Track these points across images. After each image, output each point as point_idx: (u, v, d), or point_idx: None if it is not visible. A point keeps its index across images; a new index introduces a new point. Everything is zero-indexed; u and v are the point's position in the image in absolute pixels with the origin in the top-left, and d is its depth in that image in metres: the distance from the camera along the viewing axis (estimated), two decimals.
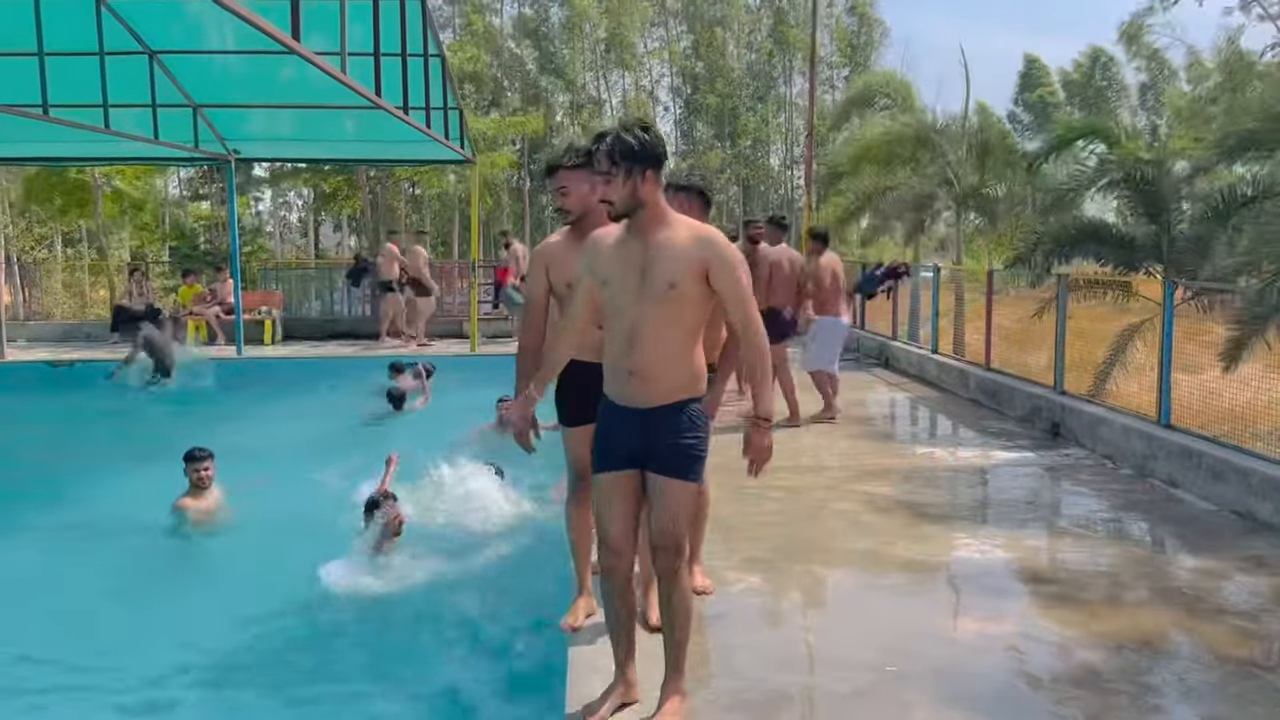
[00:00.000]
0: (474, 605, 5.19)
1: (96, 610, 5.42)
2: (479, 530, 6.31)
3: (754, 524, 5.87)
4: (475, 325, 15.23)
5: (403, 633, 5.05)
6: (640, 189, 3.21)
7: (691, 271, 3.23)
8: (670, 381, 3.30)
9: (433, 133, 11.86)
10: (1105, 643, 4.21)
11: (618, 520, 3.42)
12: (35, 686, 4.57)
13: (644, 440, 3.33)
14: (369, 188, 26.91)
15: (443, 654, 4.76)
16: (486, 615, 5.07)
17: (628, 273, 3.26)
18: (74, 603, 5.51)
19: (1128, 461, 7.23)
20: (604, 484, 3.43)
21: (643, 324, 3.24)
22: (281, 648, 4.94)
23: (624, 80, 39.60)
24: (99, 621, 5.28)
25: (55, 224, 27.87)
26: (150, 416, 11.17)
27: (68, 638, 5.05)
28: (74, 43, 10.22)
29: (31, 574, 5.99)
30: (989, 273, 11.12)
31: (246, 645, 4.95)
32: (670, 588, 3.41)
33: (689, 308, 3.27)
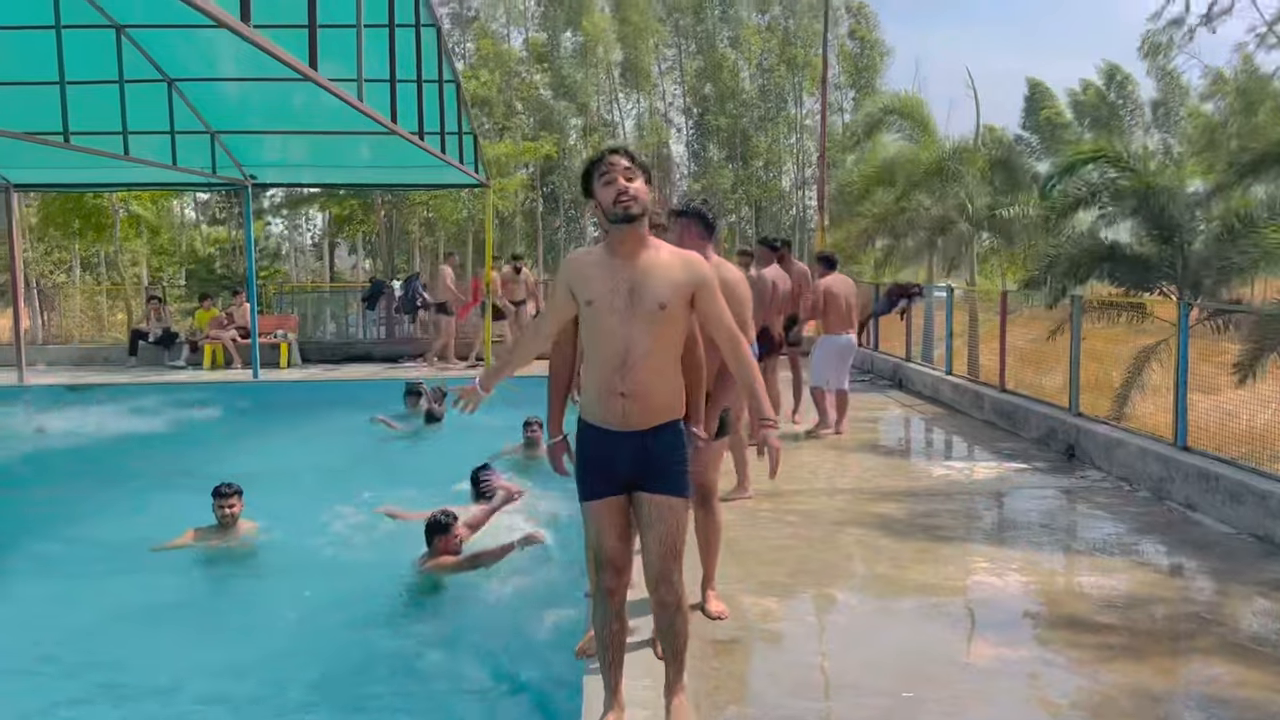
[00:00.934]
0: (490, 632, 5.19)
1: (115, 637, 5.42)
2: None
3: (768, 548, 5.86)
4: (489, 347, 15.28)
5: (421, 660, 5.05)
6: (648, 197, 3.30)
7: (680, 293, 3.30)
8: (661, 400, 3.35)
9: (447, 157, 11.96)
10: (1124, 669, 4.18)
11: (615, 540, 3.44)
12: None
13: (640, 462, 3.36)
14: (384, 211, 27.07)
15: (459, 682, 4.76)
16: (502, 641, 5.07)
17: (615, 293, 3.27)
18: (93, 630, 5.50)
19: (1144, 484, 7.20)
20: (598, 509, 3.44)
21: (635, 345, 3.27)
22: (305, 679, 4.92)
23: (639, 104, 39.83)
24: (117, 650, 5.26)
25: (73, 248, 28.14)
26: (171, 441, 11.22)
27: (84, 665, 5.06)
28: (94, 71, 10.39)
29: (48, 602, 6.00)
30: (1003, 294, 11.11)
31: (269, 678, 4.92)
32: (675, 609, 3.44)
33: (676, 329, 3.34)
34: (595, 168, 3.35)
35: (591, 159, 3.39)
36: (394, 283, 18.02)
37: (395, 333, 17.75)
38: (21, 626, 5.52)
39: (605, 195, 3.28)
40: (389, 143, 11.71)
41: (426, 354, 16.08)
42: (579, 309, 3.38)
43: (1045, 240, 14.07)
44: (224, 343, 15.74)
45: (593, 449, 3.43)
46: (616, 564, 3.45)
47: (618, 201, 3.25)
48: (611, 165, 3.30)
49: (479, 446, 8.62)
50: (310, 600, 5.81)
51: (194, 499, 6.93)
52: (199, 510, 6.81)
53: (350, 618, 5.53)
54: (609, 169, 3.29)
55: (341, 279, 34.94)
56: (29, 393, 13.58)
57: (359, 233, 32.51)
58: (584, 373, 3.47)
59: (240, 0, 5.38)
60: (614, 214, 3.27)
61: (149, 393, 13.50)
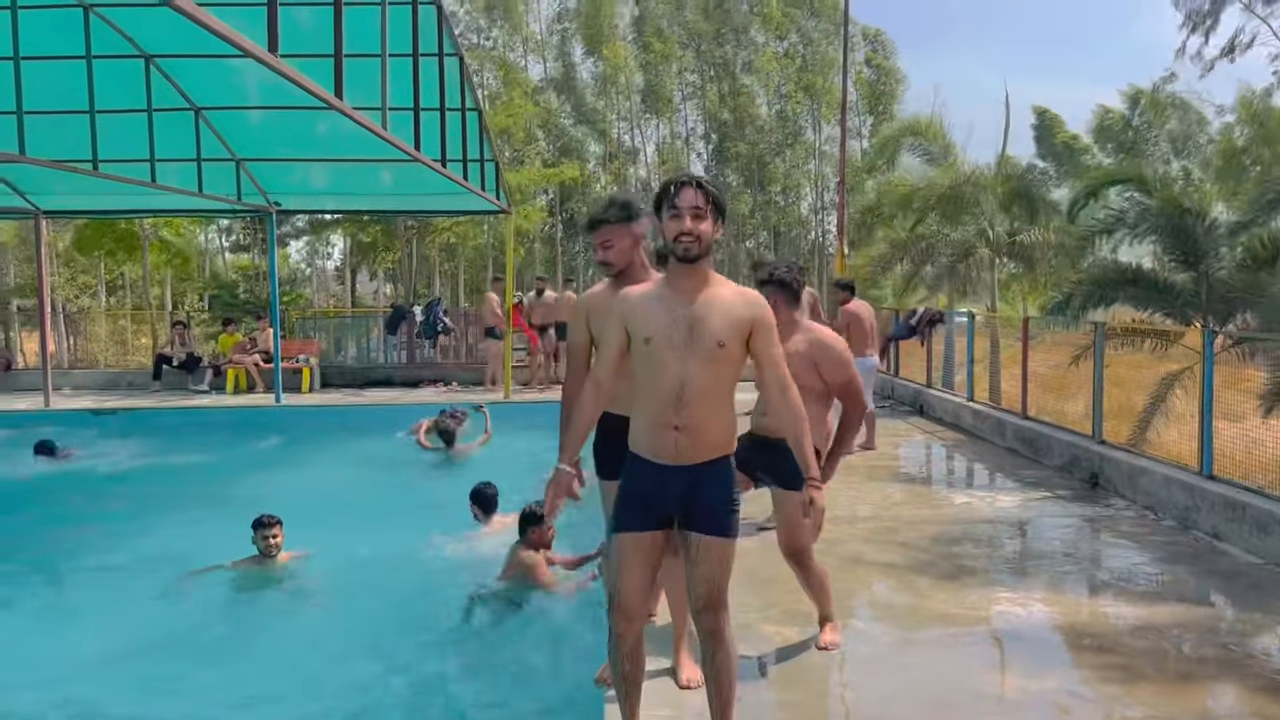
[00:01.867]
0: (509, 660, 5.19)
1: (153, 665, 5.38)
2: (519, 587, 6.32)
3: (789, 576, 5.81)
4: (509, 372, 15.33)
5: (444, 686, 5.04)
6: (716, 234, 3.28)
7: (739, 332, 3.26)
8: (716, 437, 3.31)
9: (469, 184, 12.06)
10: (1150, 702, 4.13)
11: (638, 583, 3.36)
12: None
13: (689, 498, 3.30)
14: (406, 238, 27.29)
15: (481, 709, 4.75)
16: (522, 670, 5.07)
17: (674, 329, 3.22)
18: (127, 659, 5.46)
19: (1169, 513, 7.12)
20: (626, 544, 3.36)
21: (692, 381, 3.22)
22: (332, 706, 4.89)
23: (659, 130, 40.05)
24: (155, 677, 5.23)
25: (99, 272, 28.51)
26: (196, 465, 11.28)
27: (122, 692, 5.03)
28: (123, 100, 10.56)
29: (76, 627, 5.99)
30: (1024, 320, 11.06)
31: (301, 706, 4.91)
32: (716, 646, 3.37)
33: (732, 366, 3.30)
34: (666, 197, 3.28)
35: (667, 183, 3.30)
36: (415, 308, 18.11)
37: (416, 357, 17.83)
38: (41, 653, 5.54)
39: (669, 229, 3.25)
40: (412, 170, 11.82)
41: (484, 379, 16.17)
42: (633, 345, 3.30)
43: (1067, 265, 14.03)
44: (247, 367, 15.85)
45: (640, 483, 3.36)
46: (629, 611, 3.37)
47: (679, 239, 3.23)
48: (681, 200, 3.24)
49: (500, 470, 8.67)
50: (345, 627, 5.82)
51: (222, 523, 6.96)
52: (226, 533, 6.82)
53: (375, 644, 5.53)
54: (678, 205, 3.24)
55: (362, 304, 35.20)
56: (54, 416, 13.72)
57: (382, 260, 32.76)
58: (634, 405, 3.38)
59: (268, 31, 5.47)
60: (674, 250, 3.26)
61: (173, 416, 13.64)
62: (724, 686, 3.39)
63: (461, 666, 5.23)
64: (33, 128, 9.24)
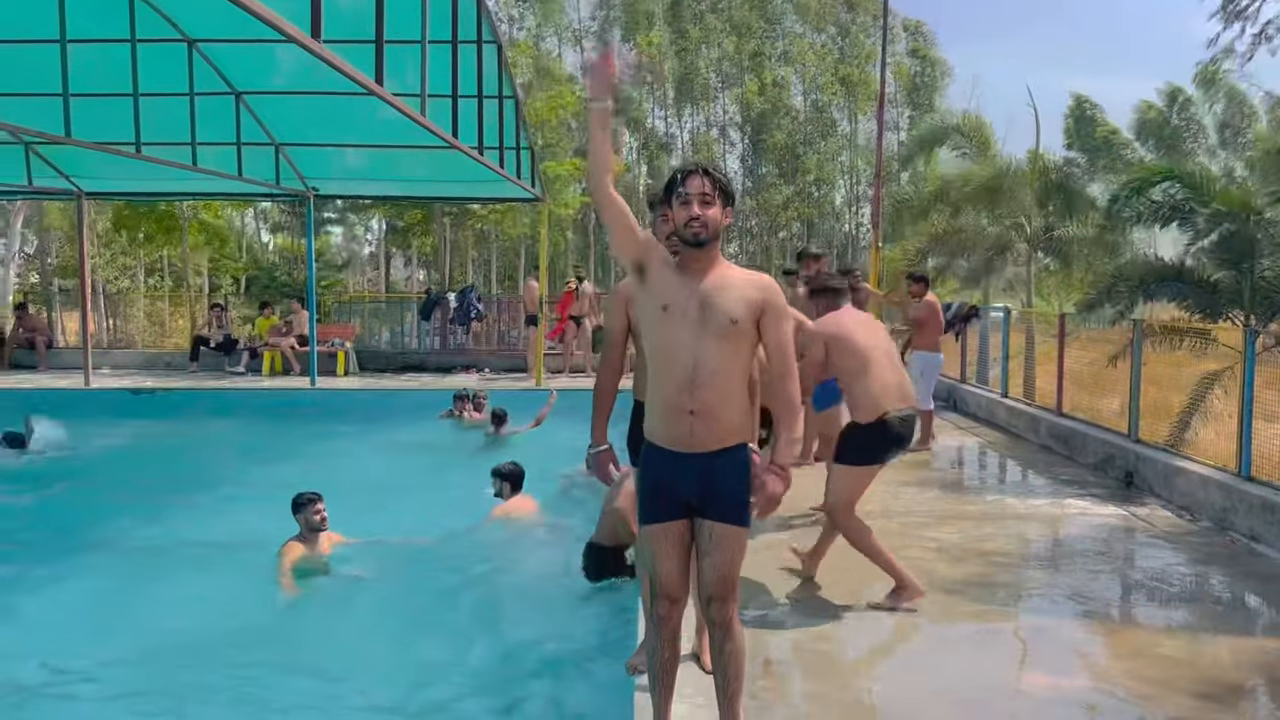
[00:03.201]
0: (541, 646, 5.22)
1: (209, 649, 5.36)
2: (550, 573, 6.36)
3: (821, 570, 5.82)
4: (540, 360, 15.39)
5: (475, 676, 5.07)
6: (724, 220, 3.32)
7: (751, 311, 3.27)
8: (729, 423, 3.30)
9: (505, 172, 12.10)
10: (1182, 704, 4.10)
11: (675, 568, 3.37)
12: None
13: (703, 487, 3.29)
14: (442, 224, 27.41)
15: (513, 695, 4.79)
16: (554, 655, 5.10)
17: (689, 302, 3.25)
18: (188, 641, 5.46)
19: (1205, 514, 7.04)
20: (656, 534, 3.37)
21: (705, 361, 3.23)
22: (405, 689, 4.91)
23: (694, 119, 39.95)
24: (205, 662, 5.21)
25: (139, 254, 28.89)
26: (237, 445, 11.43)
27: (177, 675, 5.04)
28: (166, 84, 10.68)
29: (132, 610, 6.03)
30: (1060, 316, 10.95)
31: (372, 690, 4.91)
32: (724, 637, 3.36)
33: (745, 347, 3.32)
34: (675, 185, 3.34)
35: (675, 171, 3.37)
36: (449, 295, 18.22)
37: (449, 343, 17.95)
38: (86, 636, 5.56)
39: (679, 214, 3.30)
40: (448, 157, 11.88)
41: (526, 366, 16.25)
42: (648, 315, 3.33)
43: (1105, 261, 13.86)
44: (283, 350, 16.02)
45: (657, 472, 3.38)
46: (672, 594, 3.39)
47: (688, 225, 3.27)
48: (689, 187, 3.29)
49: (539, 455, 8.74)
50: (386, 607, 5.90)
51: (268, 504, 7.00)
52: (268, 514, 6.86)
53: (409, 622, 5.61)
54: (687, 191, 3.29)
55: (396, 289, 35.44)
56: (94, 396, 13.95)
57: (417, 244, 32.95)
58: (648, 393, 3.41)
59: (311, 16, 5.52)
60: (684, 235, 3.30)
61: (210, 397, 13.82)
62: (731, 678, 3.38)
63: (491, 649, 5.27)
64: (77, 110, 9.37)
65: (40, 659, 5.18)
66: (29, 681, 4.94)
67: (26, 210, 26.30)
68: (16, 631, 5.66)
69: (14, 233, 27.62)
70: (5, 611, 5.97)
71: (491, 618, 5.74)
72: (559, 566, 6.27)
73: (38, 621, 5.85)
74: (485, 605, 5.92)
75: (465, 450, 10.67)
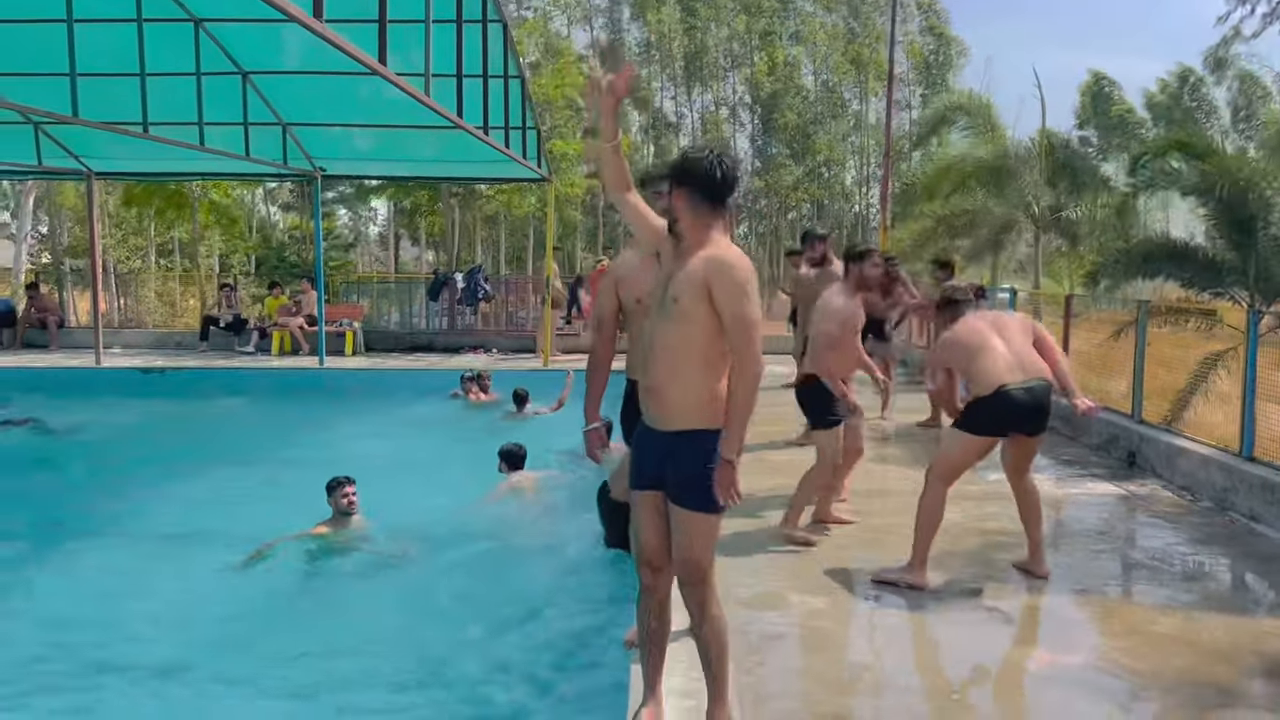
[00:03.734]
0: (539, 621, 5.29)
1: (241, 631, 5.35)
2: (550, 545, 6.43)
3: (819, 547, 5.88)
4: (549, 340, 15.44)
5: (476, 644, 5.14)
6: (671, 204, 3.33)
7: (694, 289, 3.20)
8: (681, 406, 3.27)
9: (511, 152, 12.10)
10: (1178, 681, 4.13)
11: (651, 536, 3.43)
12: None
13: (664, 466, 3.33)
14: (450, 205, 27.42)
15: (512, 669, 4.85)
16: (551, 631, 5.16)
17: (659, 285, 3.37)
18: (219, 623, 5.45)
19: (1206, 494, 7.06)
20: (636, 501, 3.47)
21: (656, 339, 3.31)
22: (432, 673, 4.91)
23: (703, 98, 39.78)
24: (244, 642, 5.20)
25: (149, 234, 29.00)
26: (248, 423, 11.51)
27: (211, 660, 5.03)
28: (173, 64, 10.70)
29: (149, 589, 6.04)
30: (1067, 297, 10.93)
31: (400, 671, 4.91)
32: (698, 620, 3.38)
33: (698, 329, 3.22)
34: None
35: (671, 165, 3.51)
36: (456, 275, 18.27)
37: (457, 324, 18.01)
38: (124, 617, 5.57)
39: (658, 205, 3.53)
40: (454, 137, 11.88)
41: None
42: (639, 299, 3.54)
43: (1117, 240, 13.83)
44: (292, 329, 16.10)
45: (636, 441, 3.52)
46: (652, 562, 3.44)
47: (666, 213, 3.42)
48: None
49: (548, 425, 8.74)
50: (418, 587, 5.94)
51: (292, 484, 7.07)
52: (295, 495, 6.91)
53: (412, 600, 5.70)
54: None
55: (404, 270, 35.51)
56: (106, 375, 14.07)
57: (425, 225, 32.97)
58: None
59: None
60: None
61: (220, 376, 13.91)
62: (712, 659, 3.41)
63: (495, 623, 5.33)
64: (85, 90, 9.41)
65: (50, 638, 5.21)
66: (46, 662, 4.95)
67: (37, 190, 26.40)
68: (31, 610, 5.71)
69: (25, 213, 27.73)
70: (22, 591, 6.01)
71: (491, 593, 5.79)
72: (557, 540, 6.37)
73: (45, 598, 5.90)
74: (484, 581, 5.97)
75: (474, 430, 10.73)
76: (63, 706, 4.57)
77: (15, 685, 4.67)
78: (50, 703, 4.59)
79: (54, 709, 4.55)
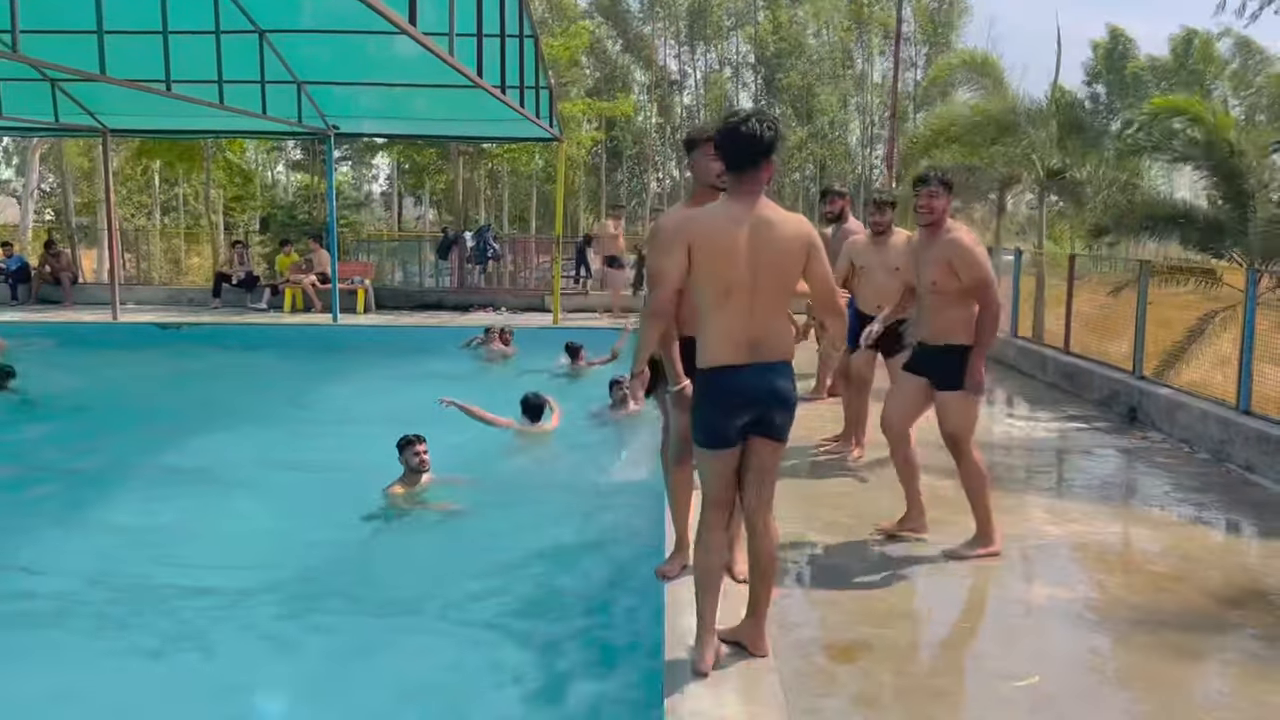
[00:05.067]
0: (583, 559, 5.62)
1: (322, 586, 5.48)
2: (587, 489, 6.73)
3: (833, 493, 6.17)
4: (558, 298, 15.66)
5: (516, 579, 5.43)
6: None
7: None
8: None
9: (525, 111, 12.25)
10: (1172, 612, 4.43)
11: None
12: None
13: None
14: (462, 162, 27.50)
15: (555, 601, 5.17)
16: (588, 564, 5.48)
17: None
18: (297, 580, 5.53)
19: (1204, 446, 7.34)
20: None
21: None
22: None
23: (707, 56, 39.61)
24: (325, 596, 5.34)
25: (154, 191, 29.09)
26: (290, 378, 11.68)
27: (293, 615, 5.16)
28: (193, 22, 10.83)
29: (192, 538, 6.22)
30: (1070, 257, 11.15)
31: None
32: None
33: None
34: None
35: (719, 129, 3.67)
36: (466, 234, 18.44)
37: (465, 282, 18.21)
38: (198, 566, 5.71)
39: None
40: (467, 95, 12.02)
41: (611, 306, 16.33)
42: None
43: (1122, 200, 13.98)
44: (304, 287, 16.30)
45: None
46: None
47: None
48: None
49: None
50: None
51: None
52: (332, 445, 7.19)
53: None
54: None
55: (408, 229, 35.61)
56: (123, 329, 14.30)
57: (433, 183, 33.03)
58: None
59: None
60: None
61: (238, 332, 14.14)
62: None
63: (528, 564, 5.63)
64: (111, 47, 9.54)
65: (89, 582, 5.43)
66: (84, 611, 5.13)
67: (42, 147, 26.45)
68: (72, 557, 5.86)
69: (32, 170, 27.82)
70: (78, 540, 6.19)
71: (526, 533, 6.09)
72: (582, 481, 6.67)
73: (81, 548, 6.05)
74: (519, 523, 6.27)
75: (520, 382, 10.74)
76: (129, 647, 4.79)
77: (90, 625, 4.93)
78: (118, 642, 4.85)
79: (123, 648, 4.79)
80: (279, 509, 6.65)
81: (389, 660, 4.64)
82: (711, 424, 3.59)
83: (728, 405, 3.54)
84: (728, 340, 3.52)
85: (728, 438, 3.59)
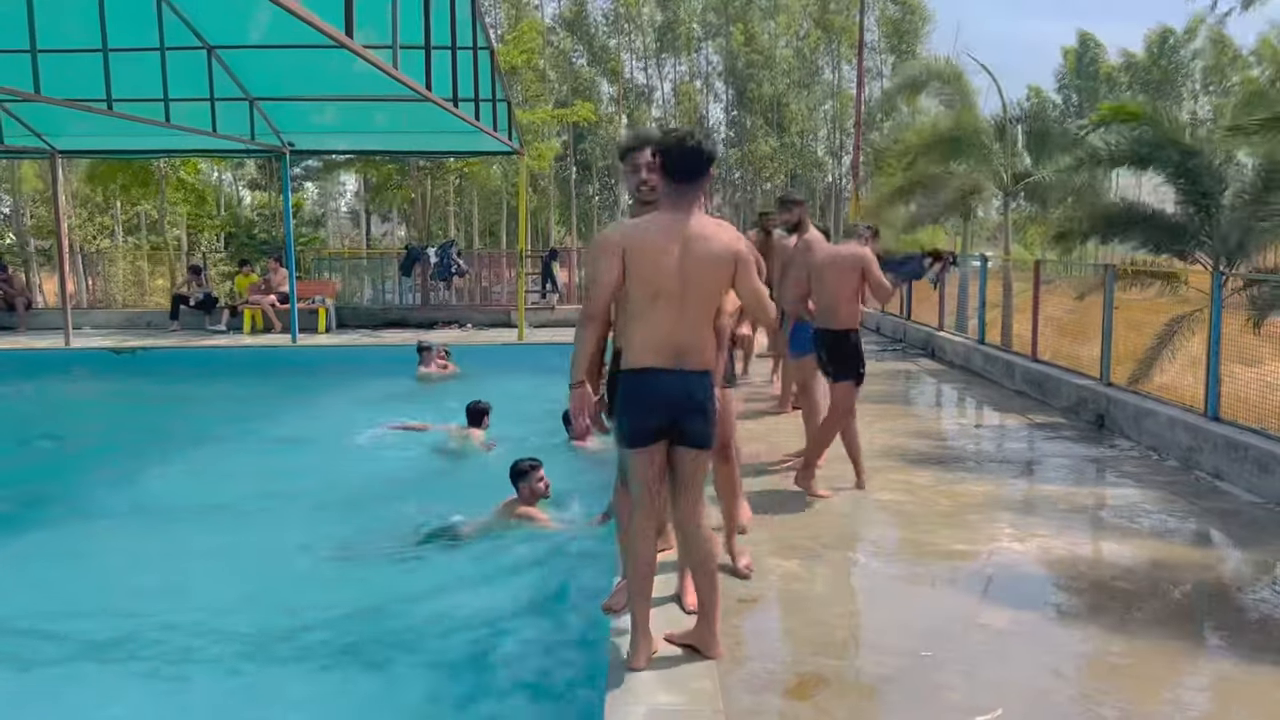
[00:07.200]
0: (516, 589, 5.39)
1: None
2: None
3: (795, 511, 5.96)
4: (523, 314, 15.42)
5: (459, 618, 5.21)
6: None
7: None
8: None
9: (481, 124, 12.03)
10: (1142, 633, 4.25)
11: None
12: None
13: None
14: (419, 178, 27.26)
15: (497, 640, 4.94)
16: (533, 597, 5.25)
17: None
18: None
19: (1173, 453, 7.20)
20: None
21: None
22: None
23: (676, 69, 39.60)
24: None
25: (115, 213, 28.61)
26: (240, 401, 11.43)
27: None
28: (136, 39, 10.55)
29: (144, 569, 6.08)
30: (1036, 263, 11.05)
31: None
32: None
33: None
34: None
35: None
36: (429, 250, 18.17)
37: (430, 299, 17.94)
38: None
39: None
40: (424, 110, 11.79)
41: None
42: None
43: (1080, 203, 13.96)
44: (263, 308, 15.98)
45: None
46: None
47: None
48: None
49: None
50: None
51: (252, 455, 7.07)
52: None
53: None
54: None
55: (376, 246, 35.28)
56: (75, 356, 13.93)
57: (394, 200, 32.76)
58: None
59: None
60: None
61: (192, 356, 13.81)
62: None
63: (477, 592, 5.41)
64: (46, 66, 9.27)
65: (38, 616, 5.28)
66: (49, 647, 4.98)
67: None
68: (32, 592, 5.72)
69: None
70: (94, 571, 6.08)
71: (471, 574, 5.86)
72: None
73: (38, 582, 5.91)
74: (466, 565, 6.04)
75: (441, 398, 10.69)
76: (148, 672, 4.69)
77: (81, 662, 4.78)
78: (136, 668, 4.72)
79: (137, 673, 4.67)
80: (228, 538, 6.50)
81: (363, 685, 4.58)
82: (630, 422, 3.71)
83: (646, 405, 3.67)
84: (651, 344, 3.64)
85: (645, 435, 3.69)
